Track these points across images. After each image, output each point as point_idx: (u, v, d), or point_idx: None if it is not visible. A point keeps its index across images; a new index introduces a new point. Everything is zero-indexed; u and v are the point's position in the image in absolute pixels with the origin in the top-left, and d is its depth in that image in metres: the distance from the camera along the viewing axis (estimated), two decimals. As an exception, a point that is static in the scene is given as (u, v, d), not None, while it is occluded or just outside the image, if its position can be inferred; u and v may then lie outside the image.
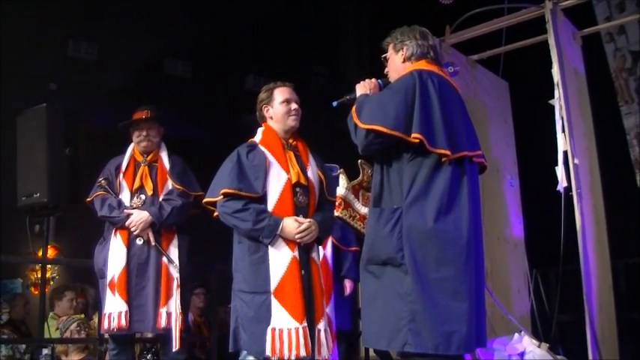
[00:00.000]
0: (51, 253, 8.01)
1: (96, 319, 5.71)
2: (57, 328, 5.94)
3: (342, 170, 4.56)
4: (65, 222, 7.62)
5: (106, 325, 4.25)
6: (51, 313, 6.34)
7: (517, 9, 5.20)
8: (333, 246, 5.19)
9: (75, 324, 5.76)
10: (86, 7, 8.47)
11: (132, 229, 4.36)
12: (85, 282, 6.79)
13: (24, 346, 6.15)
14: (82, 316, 6.07)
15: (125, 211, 4.40)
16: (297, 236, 3.56)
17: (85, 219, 4.97)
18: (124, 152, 4.65)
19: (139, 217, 4.37)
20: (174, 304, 4.33)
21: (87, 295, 6.77)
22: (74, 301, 6.54)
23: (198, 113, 9.98)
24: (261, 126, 3.90)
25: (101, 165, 4.67)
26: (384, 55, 3.44)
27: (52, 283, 8.86)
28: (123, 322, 4.22)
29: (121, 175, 4.54)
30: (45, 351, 5.28)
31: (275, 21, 10.14)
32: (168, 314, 4.31)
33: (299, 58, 10.76)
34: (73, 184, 5.06)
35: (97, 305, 5.23)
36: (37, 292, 8.16)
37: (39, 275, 7.66)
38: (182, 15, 9.18)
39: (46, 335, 5.69)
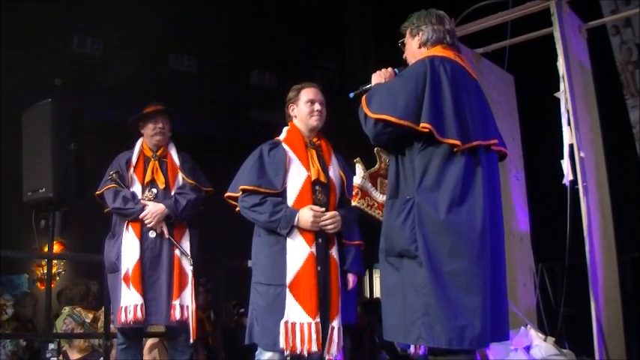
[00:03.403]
0: (57, 248, 8.04)
1: (102, 315, 5.71)
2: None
3: (358, 159, 4.55)
4: (71, 217, 7.64)
5: (123, 318, 4.25)
6: (69, 307, 6.32)
7: (522, 2, 5.18)
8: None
9: (67, 320, 5.77)
10: (91, 2, 8.48)
11: (146, 221, 4.37)
12: (91, 277, 6.79)
13: (24, 343, 6.15)
14: (79, 309, 6.04)
15: (141, 201, 4.42)
16: (322, 224, 3.61)
17: (91, 214, 4.98)
18: (130, 147, 4.66)
19: (155, 209, 4.38)
20: (189, 296, 4.36)
21: (91, 291, 6.76)
22: (87, 298, 6.53)
23: (204, 108, 9.99)
24: (287, 124, 3.94)
25: (106, 160, 4.67)
26: (401, 40, 3.38)
27: (57, 278, 8.90)
28: (139, 314, 4.23)
29: (132, 169, 4.55)
30: (51, 346, 5.29)
31: (280, 15, 10.14)
32: (182, 307, 4.34)
33: (304, 52, 10.76)
34: (79, 179, 5.08)
35: (103, 300, 5.24)
36: (43, 288, 8.20)
37: (45, 271, 7.69)
38: (187, 10, 9.17)
39: (56, 329, 5.72)
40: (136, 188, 4.51)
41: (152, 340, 5.70)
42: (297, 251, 3.57)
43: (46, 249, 5.78)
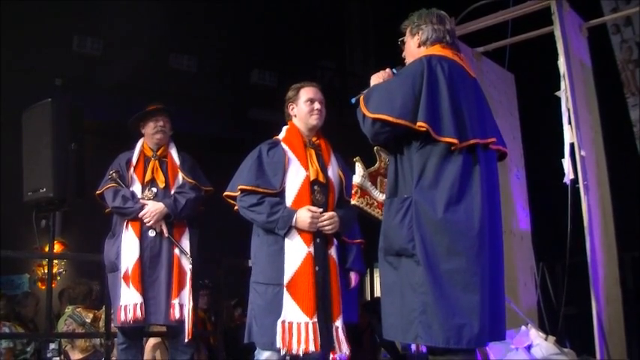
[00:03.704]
0: (58, 248, 8.05)
1: (102, 314, 5.70)
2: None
3: (358, 158, 4.55)
4: (71, 217, 7.64)
5: (122, 317, 4.24)
6: (73, 306, 6.31)
7: (523, 0, 5.18)
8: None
9: (68, 320, 5.76)
10: (91, 2, 8.48)
11: (146, 220, 4.37)
12: (92, 277, 6.79)
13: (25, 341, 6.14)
14: (79, 309, 6.03)
15: (141, 201, 4.42)
16: (319, 224, 3.61)
17: (92, 214, 4.97)
18: (130, 147, 4.66)
19: (154, 208, 4.38)
20: (187, 295, 4.35)
21: (93, 290, 6.76)
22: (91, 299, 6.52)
23: (204, 108, 9.99)
24: (286, 124, 3.94)
25: (107, 160, 4.67)
26: (401, 39, 3.38)
27: (58, 278, 8.90)
28: (138, 313, 4.22)
29: (132, 168, 4.55)
30: (52, 345, 5.29)
31: (280, 15, 10.14)
32: (181, 306, 4.33)
33: (305, 52, 10.76)
34: (79, 178, 5.07)
35: (104, 300, 5.24)
36: (43, 287, 8.20)
37: (46, 271, 7.68)
38: (187, 10, 9.18)
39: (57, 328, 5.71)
40: (136, 187, 4.51)
41: (154, 340, 5.70)
42: (295, 251, 3.58)
43: (46, 249, 5.78)
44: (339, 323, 3.62)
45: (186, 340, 4.34)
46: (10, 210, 6.92)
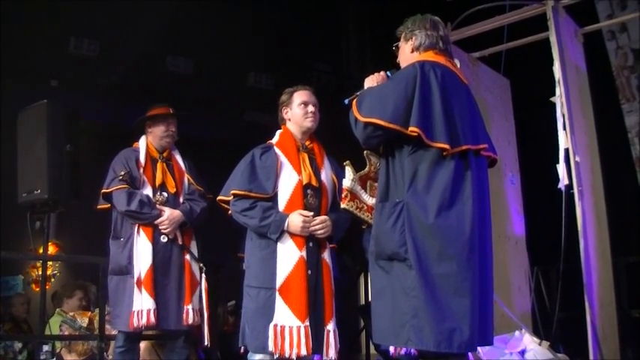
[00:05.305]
0: (52, 250, 8.01)
1: (96, 317, 5.68)
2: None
3: (348, 162, 4.56)
4: (66, 219, 7.61)
5: (135, 322, 4.20)
6: (58, 309, 6.31)
7: (519, 6, 5.20)
8: None
9: (64, 326, 5.74)
10: (88, 3, 8.46)
11: (163, 227, 4.34)
12: (87, 279, 6.77)
13: (19, 345, 6.12)
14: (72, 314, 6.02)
15: (158, 206, 4.39)
16: (311, 228, 3.62)
17: (87, 216, 4.96)
18: (128, 147, 4.62)
19: (173, 216, 4.37)
20: (198, 300, 4.37)
21: (89, 292, 6.75)
22: (82, 300, 6.50)
23: (200, 110, 9.97)
24: (280, 128, 3.95)
25: (102, 161, 4.62)
26: (395, 44, 3.40)
27: (53, 280, 8.87)
28: (152, 319, 4.21)
29: (141, 169, 4.48)
30: (45, 347, 5.28)
31: (277, 18, 10.14)
32: (194, 311, 4.34)
33: (301, 55, 10.75)
34: (74, 180, 5.06)
35: (98, 302, 5.22)
36: (38, 289, 8.18)
37: (40, 272, 7.67)
38: (184, 12, 9.16)
39: (50, 331, 5.69)
40: (147, 191, 4.44)
41: (144, 345, 5.63)
42: (288, 255, 3.59)
43: (41, 251, 5.76)
44: (330, 327, 3.62)
45: (207, 344, 4.35)
46: (4, 211, 6.90)
